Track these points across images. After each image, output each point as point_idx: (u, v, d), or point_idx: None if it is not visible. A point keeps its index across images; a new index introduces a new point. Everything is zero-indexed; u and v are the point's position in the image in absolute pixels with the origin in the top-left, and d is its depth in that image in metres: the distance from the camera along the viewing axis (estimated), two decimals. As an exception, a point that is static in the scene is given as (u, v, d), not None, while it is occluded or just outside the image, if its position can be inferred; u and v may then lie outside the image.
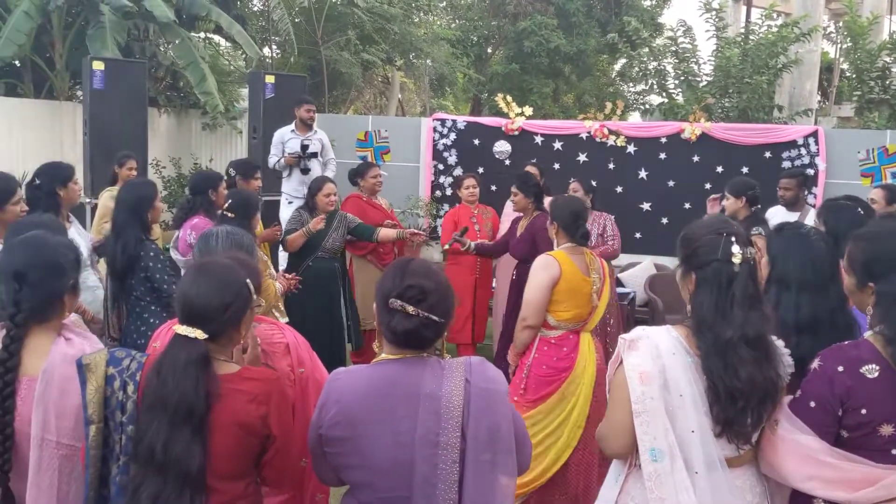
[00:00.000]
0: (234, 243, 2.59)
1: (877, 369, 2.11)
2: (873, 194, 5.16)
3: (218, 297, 2.12)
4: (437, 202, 9.23)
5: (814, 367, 2.19)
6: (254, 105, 9.05)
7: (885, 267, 2.19)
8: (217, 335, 2.14)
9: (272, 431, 2.13)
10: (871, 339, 2.18)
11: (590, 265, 4.13)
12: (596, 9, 17.19)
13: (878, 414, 2.10)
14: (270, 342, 2.49)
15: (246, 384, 2.13)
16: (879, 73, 11.33)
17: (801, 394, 2.21)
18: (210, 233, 2.64)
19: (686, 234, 2.33)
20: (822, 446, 2.12)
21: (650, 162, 8.78)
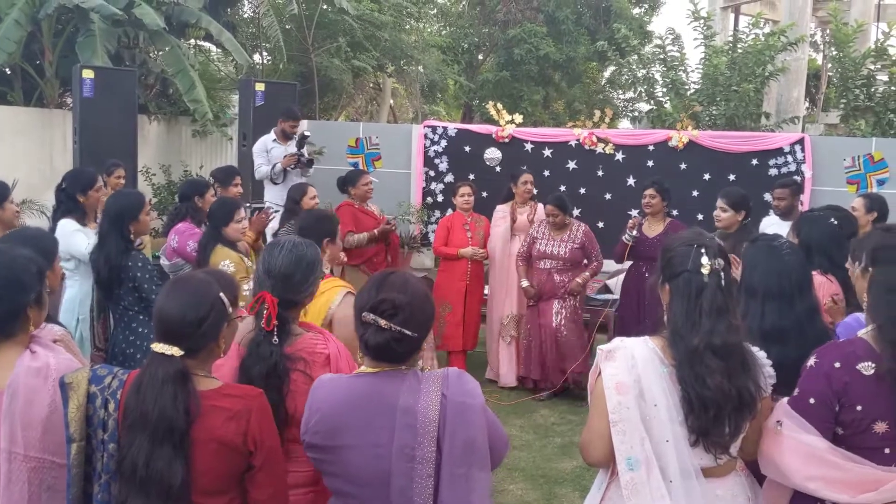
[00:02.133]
0: (296, 256, 2.62)
1: (872, 366, 2.16)
2: (854, 203, 5.22)
3: (192, 312, 2.14)
4: (429, 209, 9.24)
5: (810, 364, 2.25)
6: (244, 112, 9.07)
7: (888, 255, 2.27)
8: (195, 351, 2.16)
9: (252, 448, 2.14)
10: (865, 336, 2.24)
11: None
12: (585, 17, 17.28)
13: (872, 411, 2.15)
14: (312, 352, 2.52)
15: (225, 401, 2.15)
16: (864, 81, 11.40)
17: (799, 391, 2.25)
18: (277, 242, 2.68)
19: (664, 246, 2.40)
20: (825, 445, 2.17)
21: (638, 169, 8.81)
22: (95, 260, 4.34)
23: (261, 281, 2.55)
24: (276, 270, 2.55)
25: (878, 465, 2.15)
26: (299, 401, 2.40)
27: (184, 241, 4.98)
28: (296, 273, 2.57)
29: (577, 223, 6.74)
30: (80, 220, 4.88)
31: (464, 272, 6.97)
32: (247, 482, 2.18)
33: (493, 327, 7.27)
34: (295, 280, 2.57)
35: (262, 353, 2.41)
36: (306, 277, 2.61)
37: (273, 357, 2.41)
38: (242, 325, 2.51)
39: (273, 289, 2.50)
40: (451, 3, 20.26)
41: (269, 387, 2.38)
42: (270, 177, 7.63)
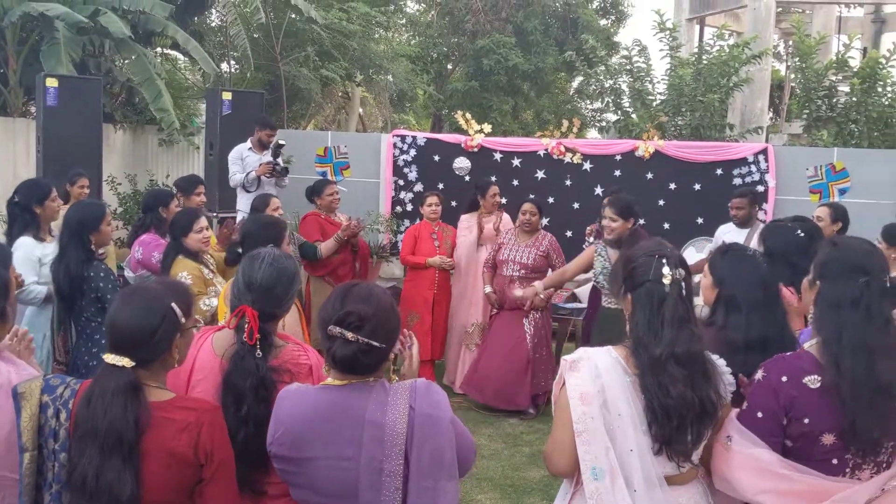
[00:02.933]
0: (277, 269, 2.60)
1: (818, 380, 2.18)
2: (819, 212, 5.25)
3: (144, 322, 2.13)
4: (398, 218, 9.25)
5: (757, 378, 2.26)
6: (211, 121, 9.00)
7: (834, 270, 2.28)
8: (147, 362, 2.14)
9: (204, 461, 2.13)
10: (810, 349, 2.26)
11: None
12: (553, 28, 17.42)
13: (820, 424, 2.17)
14: (296, 363, 2.51)
15: (177, 413, 2.14)
16: (826, 92, 11.59)
17: (747, 405, 2.27)
18: (257, 254, 2.65)
19: (625, 257, 2.41)
20: (774, 458, 2.18)
21: (605, 179, 8.89)
22: (55, 271, 4.28)
23: (241, 294, 2.52)
24: (257, 283, 2.52)
25: (826, 475, 2.17)
26: None
27: (148, 253, 4.92)
28: (277, 286, 2.55)
29: (545, 233, 6.76)
30: (36, 235, 4.74)
31: (431, 282, 6.97)
32: (196, 495, 2.16)
33: (453, 335, 7.26)
34: (276, 293, 2.54)
35: (247, 367, 2.39)
36: (287, 290, 2.59)
37: (260, 370, 2.39)
38: (223, 340, 2.50)
39: (254, 302, 2.48)
40: (420, 13, 20.31)
41: (259, 400, 2.36)
42: (244, 184, 7.57)
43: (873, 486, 2.17)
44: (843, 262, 2.28)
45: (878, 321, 2.20)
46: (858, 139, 10.87)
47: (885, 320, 2.23)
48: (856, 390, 2.12)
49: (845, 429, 2.14)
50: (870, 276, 2.24)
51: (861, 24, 20.80)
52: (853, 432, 2.13)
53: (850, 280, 2.23)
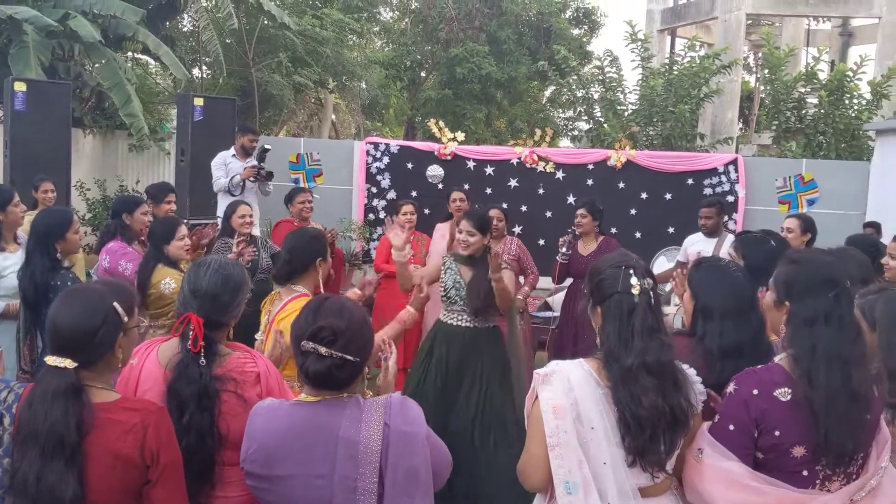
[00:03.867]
0: (223, 276, 2.56)
1: (789, 392, 2.19)
2: (788, 224, 5.26)
3: (84, 323, 2.09)
4: (370, 225, 9.23)
5: (729, 391, 2.27)
6: (182, 127, 8.92)
7: (803, 289, 2.29)
8: (89, 363, 2.10)
9: (150, 462, 2.09)
10: (781, 362, 2.27)
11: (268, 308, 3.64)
12: (526, 37, 17.50)
13: (790, 436, 2.18)
14: (242, 371, 2.46)
15: (122, 414, 2.10)
16: (795, 104, 11.78)
17: (719, 418, 2.28)
18: (203, 261, 2.61)
19: (591, 269, 2.41)
20: (744, 471, 2.19)
21: (578, 188, 8.95)
22: (21, 279, 4.21)
23: (186, 301, 2.48)
24: (202, 291, 2.48)
25: (796, 487, 2.19)
26: (232, 422, 2.36)
27: (115, 261, 4.84)
28: (223, 293, 2.51)
29: (511, 237, 6.74)
30: None
31: (401, 291, 6.91)
32: (143, 498, 2.12)
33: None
34: (222, 301, 2.51)
35: (191, 375, 2.35)
36: (234, 298, 2.55)
37: (203, 379, 2.35)
38: (168, 350, 2.46)
39: (199, 309, 2.44)
40: (393, 20, 20.32)
41: (202, 409, 2.33)
42: (228, 188, 7.50)
43: (842, 497, 2.19)
44: (810, 279, 2.30)
45: (851, 331, 2.23)
46: (826, 150, 11.05)
47: (856, 329, 2.26)
48: (830, 403, 2.14)
49: (818, 442, 2.15)
50: (838, 286, 2.26)
51: (829, 37, 21.16)
52: (826, 445, 2.15)
53: (820, 296, 2.25)
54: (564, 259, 6.39)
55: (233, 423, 2.36)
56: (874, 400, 2.25)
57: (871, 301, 2.81)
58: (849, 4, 16.58)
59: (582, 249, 6.49)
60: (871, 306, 2.79)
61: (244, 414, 2.36)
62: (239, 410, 2.38)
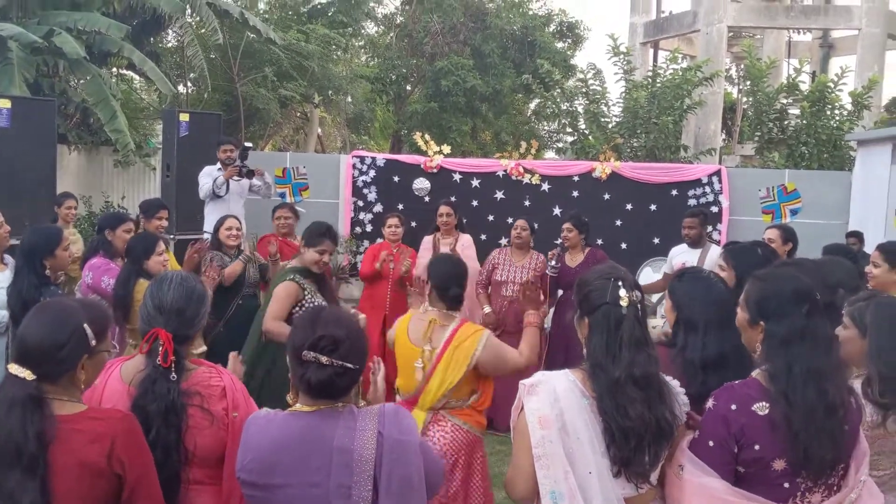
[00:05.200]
0: (186, 289, 2.57)
1: (767, 407, 2.20)
2: (770, 234, 5.31)
3: (50, 337, 2.09)
4: (357, 239, 9.24)
5: (708, 406, 2.28)
6: (167, 143, 8.91)
7: (776, 308, 2.31)
8: (51, 377, 2.10)
9: (120, 471, 2.09)
10: (758, 377, 2.29)
11: (426, 334, 3.60)
12: (510, 50, 17.61)
13: (770, 450, 2.19)
14: (208, 385, 2.47)
15: (87, 424, 2.10)
16: (777, 115, 11.88)
17: (699, 434, 2.29)
18: (164, 276, 2.62)
19: (579, 281, 2.43)
20: (724, 486, 2.20)
21: (563, 199, 8.99)
22: (10, 296, 4.22)
23: (151, 318, 2.48)
24: (167, 306, 2.48)
25: (776, 499, 2.20)
26: (199, 437, 2.36)
27: (98, 277, 4.83)
28: (188, 307, 2.52)
29: (536, 253, 6.76)
30: None
31: (383, 302, 6.90)
32: None
33: None
34: (188, 314, 2.51)
35: (158, 391, 2.34)
36: (198, 311, 2.56)
37: (171, 394, 2.35)
38: (131, 368, 2.46)
39: (166, 324, 2.44)
40: (378, 34, 20.40)
41: (168, 425, 2.32)
42: (213, 190, 7.50)
43: None
44: (781, 297, 2.32)
45: (824, 344, 2.26)
46: (809, 161, 11.15)
47: (828, 341, 2.28)
48: (808, 417, 2.16)
49: (798, 456, 2.17)
50: (809, 300, 2.29)
51: (810, 48, 21.39)
52: (805, 458, 2.17)
53: (793, 314, 2.27)
54: (554, 272, 6.43)
55: (200, 439, 2.37)
56: (850, 410, 2.27)
57: (860, 308, 2.86)
58: (829, 16, 16.79)
59: (570, 262, 6.53)
60: (862, 313, 2.83)
61: (211, 428, 2.40)
62: (205, 425, 2.39)
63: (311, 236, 4.54)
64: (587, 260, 6.41)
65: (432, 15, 17.31)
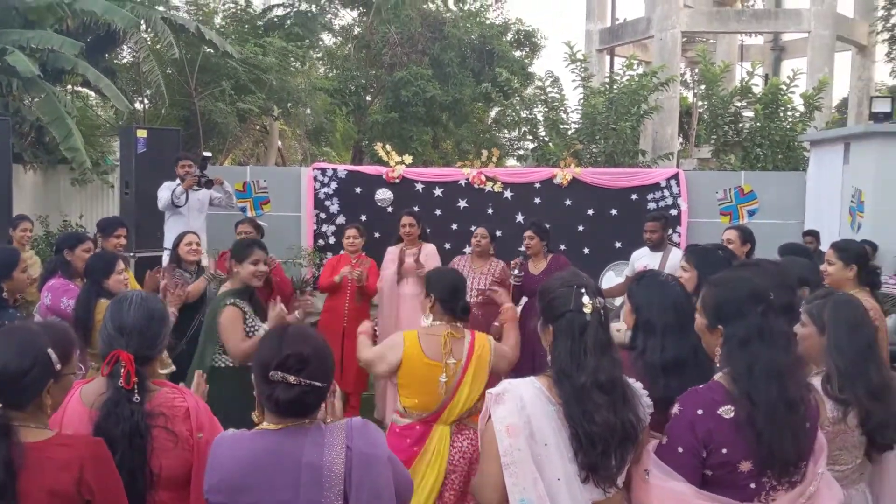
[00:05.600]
0: (147, 309, 2.53)
1: (732, 410, 2.23)
2: (728, 235, 5.38)
3: (14, 364, 2.07)
4: (321, 251, 9.20)
5: (674, 412, 2.31)
6: (125, 159, 8.83)
7: (733, 311, 2.34)
8: (18, 403, 2.08)
9: (90, 497, 2.07)
10: (721, 380, 2.32)
11: (444, 348, 3.56)
12: (469, 59, 17.70)
13: (736, 453, 2.22)
14: (172, 406, 2.43)
15: (56, 451, 2.08)
16: (732, 118, 12.10)
17: (667, 440, 2.31)
18: (124, 297, 2.57)
19: (542, 288, 2.45)
20: (690, 490, 2.23)
21: (526, 206, 9.06)
22: None
23: (112, 339, 2.44)
24: (128, 327, 2.45)
25: (744, 500, 2.24)
26: (164, 458, 2.34)
27: (57, 299, 4.75)
28: (150, 327, 2.49)
29: (497, 260, 6.79)
30: None
31: (342, 314, 6.87)
32: None
33: None
34: (149, 335, 2.48)
35: (121, 414, 2.30)
36: (160, 331, 2.52)
37: (135, 416, 2.31)
38: (91, 391, 2.42)
39: (128, 346, 2.41)
40: (336, 46, 20.38)
41: (133, 447, 2.29)
42: (172, 200, 7.43)
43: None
44: (736, 300, 2.35)
45: (782, 342, 2.30)
46: (764, 162, 11.37)
47: (786, 339, 2.33)
48: (771, 416, 2.20)
49: (763, 456, 2.20)
50: (764, 300, 2.32)
51: (762, 51, 21.81)
52: (770, 457, 2.21)
53: (750, 315, 2.30)
54: (518, 281, 6.46)
55: (165, 460, 2.34)
56: (811, 407, 2.31)
57: (818, 305, 2.92)
58: (779, 20, 17.14)
59: (533, 269, 6.57)
60: (819, 310, 2.89)
61: (175, 450, 2.37)
62: (170, 446, 2.36)
63: (240, 250, 4.37)
64: (550, 267, 6.45)
65: (390, 26, 17.34)
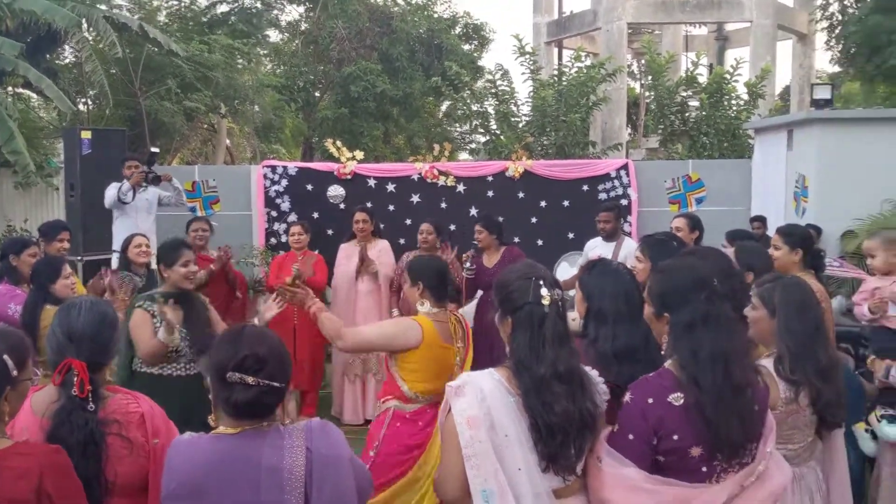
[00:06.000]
0: (97, 314, 2.47)
1: (681, 397, 2.27)
2: (677, 223, 5.48)
3: None
4: (273, 250, 9.10)
5: (626, 400, 2.34)
6: (70, 161, 8.62)
7: (678, 299, 2.38)
8: None
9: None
10: (670, 367, 2.36)
11: (454, 332, 3.67)
12: (418, 53, 17.66)
13: (687, 438, 2.26)
14: (126, 412, 2.40)
15: (15, 460, 2.05)
16: (679, 108, 12.27)
17: (619, 427, 2.34)
18: (72, 303, 2.51)
19: (499, 281, 2.47)
20: (641, 475, 2.26)
21: (479, 200, 9.07)
22: None
23: (63, 347, 2.38)
24: (78, 333, 2.40)
25: (695, 482, 2.28)
26: (119, 466, 2.30)
27: (4, 305, 4.66)
28: (101, 333, 2.44)
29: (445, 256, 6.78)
30: None
31: (291, 311, 6.80)
32: None
33: (337, 366, 7.18)
34: (101, 341, 2.43)
35: (75, 422, 2.26)
36: (111, 336, 2.49)
37: (89, 424, 2.27)
38: (42, 400, 2.37)
39: (79, 353, 2.36)
40: (283, 42, 20.19)
41: (87, 456, 2.24)
42: (119, 196, 7.29)
43: (732, 484, 2.30)
44: (681, 287, 2.39)
45: (727, 327, 2.34)
46: (710, 150, 11.56)
47: (731, 324, 2.37)
48: (717, 401, 2.24)
49: (712, 441, 2.25)
50: (707, 287, 2.36)
51: (706, 41, 22.16)
52: (719, 441, 2.25)
53: (694, 301, 2.34)
54: (470, 274, 6.48)
55: (120, 468, 2.31)
56: (758, 389, 2.37)
57: (769, 289, 3.00)
58: (722, 10, 17.42)
59: (486, 262, 6.60)
60: (770, 294, 2.97)
61: (131, 457, 2.34)
62: (125, 453, 2.33)
63: (168, 252, 4.19)
64: (504, 259, 6.49)
65: (337, 20, 17.22)
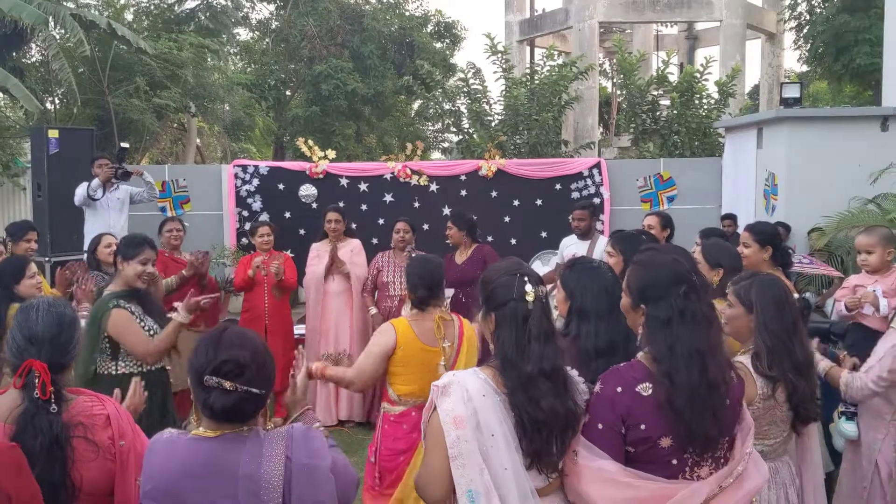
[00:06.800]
0: (56, 315, 2.42)
1: (650, 387, 2.26)
2: (649, 221, 5.53)
3: None
4: (244, 250, 9.04)
5: (596, 390, 2.33)
6: (37, 161, 8.49)
7: (655, 293, 2.37)
8: None
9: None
10: (642, 359, 2.35)
11: (441, 333, 3.66)
12: (390, 52, 17.60)
13: (656, 429, 2.25)
14: (91, 415, 2.34)
15: None
16: (650, 107, 12.36)
17: (589, 418, 2.33)
18: (31, 305, 2.45)
19: (483, 278, 2.45)
20: (616, 468, 2.25)
21: (452, 199, 9.08)
22: None
23: (23, 350, 2.33)
24: (39, 335, 2.34)
25: (667, 477, 2.27)
26: (84, 470, 2.26)
27: None
28: (61, 334, 2.38)
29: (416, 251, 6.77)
30: None
31: (262, 311, 6.76)
32: None
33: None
34: (61, 342, 2.38)
35: (39, 426, 2.21)
36: (72, 337, 2.42)
37: (54, 428, 2.22)
38: (5, 402, 2.31)
39: (40, 354, 2.30)
40: (254, 40, 20.03)
41: (52, 459, 2.20)
42: (88, 194, 7.19)
43: (711, 483, 2.30)
44: (659, 281, 2.37)
45: (703, 323, 2.33)
46: (681, 149, 11.65)
47: (708, 320, 2.36)
48: (691, 395, 2.23)
49: (681, 432, 2.24)
50: (685, 282, 2.36)
51: (676, 41, 22.33)
52: (690, 435, 2.24)
53: (671, 296, 2.33)
54: None
55: (86, 471, 2.26)
56: (732, 386, 2.36)
57: (745, 286, 3.03)
58: (692, 9, 17.56)
59: (457, 259, 6.59)
60: (747, 291, 3.00)
61: (97, 460, 2.29)
62: (91, 456, 2.28)
63: (128, 248, 4.09)
64: (473, 256, 6.48)
65: (308, 18, 17.11)
